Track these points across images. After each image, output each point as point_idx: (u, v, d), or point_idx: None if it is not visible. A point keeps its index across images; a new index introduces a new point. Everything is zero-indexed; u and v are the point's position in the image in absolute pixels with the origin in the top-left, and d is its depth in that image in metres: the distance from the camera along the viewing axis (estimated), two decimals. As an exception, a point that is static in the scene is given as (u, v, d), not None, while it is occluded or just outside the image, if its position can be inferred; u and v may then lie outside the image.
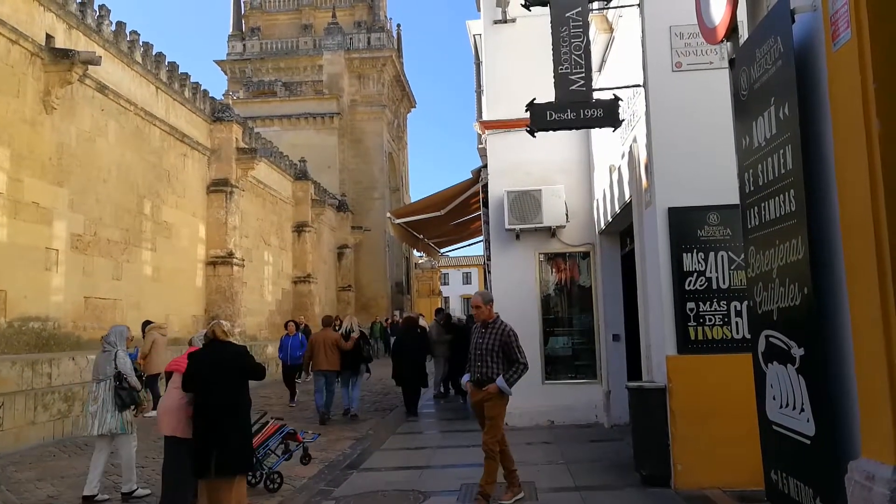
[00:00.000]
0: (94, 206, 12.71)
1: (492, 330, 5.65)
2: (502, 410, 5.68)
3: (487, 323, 5.70)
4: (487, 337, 5.63)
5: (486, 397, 5.54)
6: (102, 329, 12.96)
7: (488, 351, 5.59)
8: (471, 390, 5.81)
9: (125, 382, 6.19)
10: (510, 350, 5.58)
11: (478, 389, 5.63)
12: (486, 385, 5.53)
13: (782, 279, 2.51)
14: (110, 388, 6.14)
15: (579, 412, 9.39)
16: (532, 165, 9.81)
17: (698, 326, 5.63)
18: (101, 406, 6.13)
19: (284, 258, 24.49)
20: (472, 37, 14.45)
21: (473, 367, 5.70)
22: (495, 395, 5.52)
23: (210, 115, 18.10)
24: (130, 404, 6.24)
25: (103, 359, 6.34)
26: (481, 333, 5.69)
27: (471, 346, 5.75)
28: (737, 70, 2.90)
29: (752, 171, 2.75)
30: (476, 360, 5.67)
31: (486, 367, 5.58)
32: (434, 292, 56.16)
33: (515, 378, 5.58)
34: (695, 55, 5.90)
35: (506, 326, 5.66)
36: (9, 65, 10.50)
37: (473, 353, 5.69)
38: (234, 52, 38.71)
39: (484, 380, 5.57)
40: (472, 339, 5.77)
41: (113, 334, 6.52)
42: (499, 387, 5.50)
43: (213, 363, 4.94)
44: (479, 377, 5.62)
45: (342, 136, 35.90)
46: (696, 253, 5.70)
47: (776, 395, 2.63)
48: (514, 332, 5.67)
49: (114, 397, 6.12)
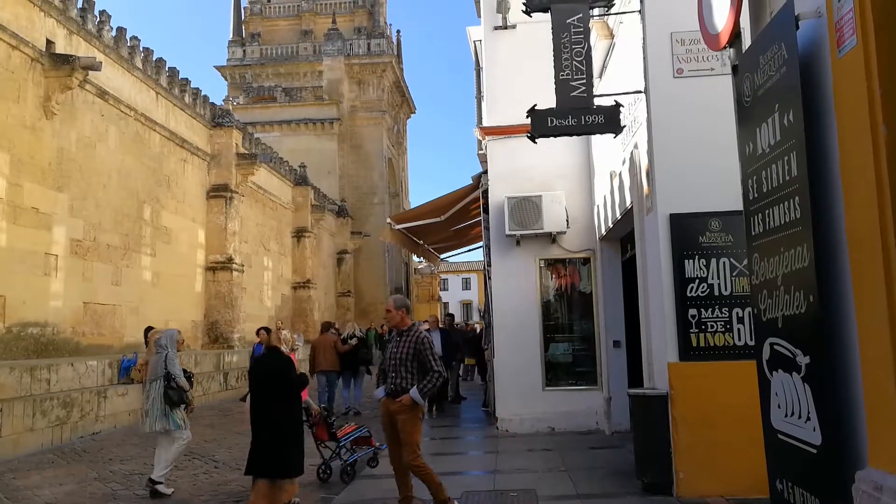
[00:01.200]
0: (94, 211, 12.71)
1: (406, 338, 5.27)
2: (417, 425, 5.29)
3: (402, 331, 5.33)
4: (402, 345, 5.25)
5: (399, 409, 5.15)
6: (102, 335, 13.00)
7: (402, 360, 5.21)
8: (383, 403, 5.37)
9: (174, 383, 6.58)
10: (425, 358, 5.21)
11: (390, 401, 5.26)
12: (398, 397, 5.16)
13: (787, 287, 2.49)
14: (160, 387, 6.54)
15: (580, 419, 9.34)
16: (532, 171, 9.79)
17: (700, 333, 5.60)
18: (153, 405, 6.54)
19: (284, 264, 24.49)
20: (473, 43, 14.47)
21: (389, 378, 5.30)
22: (408, 408, 5.13)
23: (210, 121, 18.13)
24: (180, 403, 6.63)
25: (154, 360, 6.75)
26: (395, 342, 5.34)
27: (385, 356, 5.41)
28: (740, 76, 2.88)
29: (756, 177, 2.73)
30: (391, 370, 5.28)
31: (399, 377, 5.21)
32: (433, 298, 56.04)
33: (429, 388, 5.22)
34: (696, 61, 5.89)
35: (420, 333, 5.32)
36: (9, 70, 10.52)
37: (388, 364, 5.33)
38: (234, 57, 38.80)
39: (398, 391, 5.20)
40: (387, 349, 5.42)
41: (164, 338, 6.93)
42: (412, 398, 5.11)
43: (259, 369, 5.56)
44: (392, 388, 5.25)
45: (342, 142, 35.95)
46: (697, 259, 5.68)
47: (781, 403, 2.60)
48: (428, 338, 5.33)
49: (163, 396, 6.51)
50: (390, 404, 5.24)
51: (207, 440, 9.59)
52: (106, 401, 10.49)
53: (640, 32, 6.22)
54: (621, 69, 7.72)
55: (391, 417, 5.24)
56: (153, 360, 6.80)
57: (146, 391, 6.75)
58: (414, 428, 5.21)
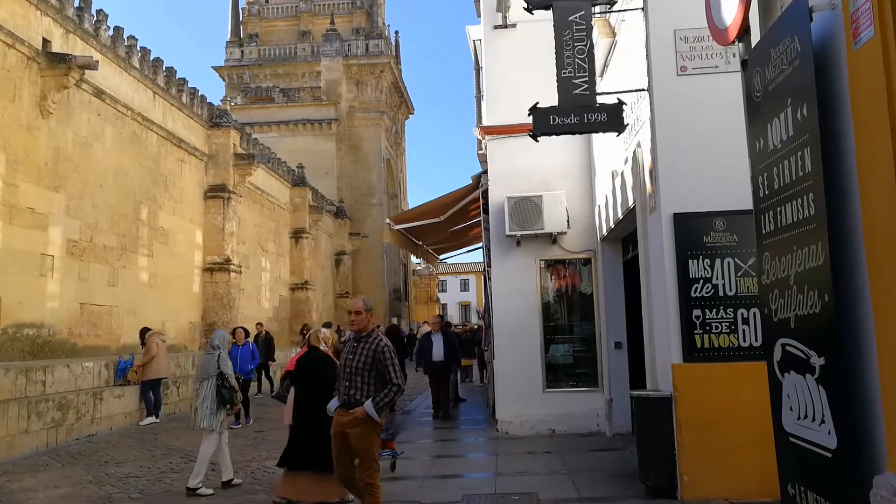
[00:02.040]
0: (91, 211, 12.62)
1: (365, 344, 4.77)
2: (375, 439, 4.82)
3: (361, 336, 4.82)
4: (359, 353, 4.75)
5: (352, 423, 4.66)
6: (98, 336, 12.91)
7: (359, 369, 4.71)
8: (335, 416, 4.84)
9: (226, 382, 6.78)
10: (384, 368, 4.70)
11: (343, 413, 4.75)
12: (353, 409, 4.68)
13: (800, 286, 2.42)
14: (212, 386, 6.73)
15: (581, 420, 9.28)
16: (533, 171, 9.73)
17: (704, 334, 5.54)
18: (202, 402, 6.70)
19: (282, 265, 24.39)
20: (472, 42, 14.40)
21: (343, 389, 4.80)
22: (363, 423, 4.64)
23: (208, 121, 18.04)
24: (230, 402, 6.84)
25: (206, 360, 6.93)
26: (352, 348, 4.82)
27: (341, 363, 4.93)
28: (750, 71, 2.82)
29: (767, 174, 2.67)
30: (345, 380, 4.77)
31: (354, 387, 4.71)
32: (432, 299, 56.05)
33: (386, 402, 4.73)
34: (700, 59, 5.84)
35: (381, 340, 4.81)
36: (5, 69, 10.43)
37: (344, 372, 4.82)
38: (232, 58, 38.72)
39: (352, 403, 4.70)
40: (344, 355, 4.92)
41: (217, 338, 7.14)
42: (366, 412, 4.61)
43: (302, 368, 5.74)
44: (345, 400, 4.75)
45: (340, 143, 35.88)
46: (701, 259, 5.62)
47: (793, 405, 2.54)
48: (389, 346, 4.82)
49: (215, 395, 6.70)
50: (343, 417, 4.73)
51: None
52: (102, 403, 10.40)
53: (643, 30, 6.16)
54: (623, 67, 7.66)
55: (344, 431, 4.74)
56: (204, 360, 7.00)
57: (196, 389, 6.96)
58: (371, 443, 4.77)
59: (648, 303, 6.73)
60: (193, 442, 9.50)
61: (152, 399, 11.45)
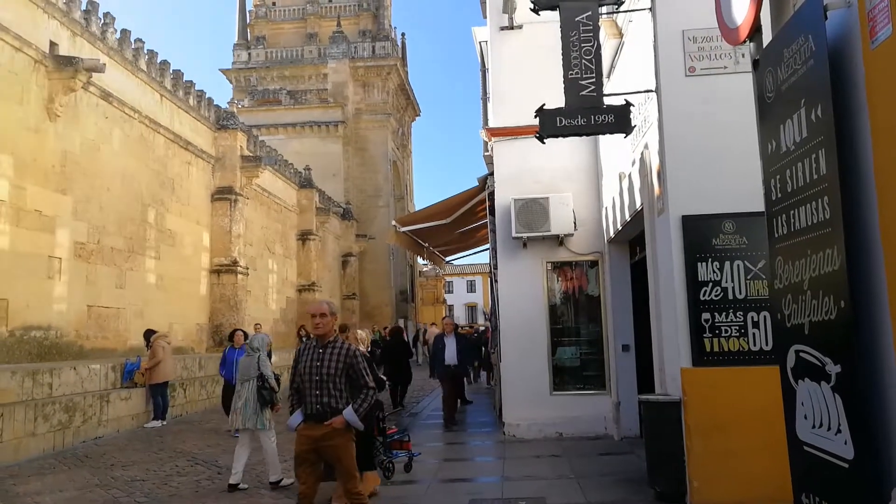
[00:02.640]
0: (98, 214, 12.65)
1: (332, 350, 4.46)
2: (352, 449, 4.56)
3: (328, 342, 4.49)
4: (328, 359, 4.43)
5: (327, 435, 4.35)
6: (106, 338, 12.94)
7: (330, 376, 4.40)
8: (301, 430, 4.45)
9: (267, 383, 6.93)
10: (357, 373, 4.46)
11: (314, 426, 4.38)
12: (327, 419, 4.35)
13: (815, 291, 2.36)
14: (253, 388, 6.90)
15: (588, 424, 9.21)
16: (539, 173, 9.68)
17: (714, 338, 5.46)
18: (244, 404, 6.88)
19: (289, 266, 24.42)
20: (478, 44, 14.37)
21: (309, 399, 4.43)
22: (341, 433, 4.38)
23: (215, 123, 18.08)
24: (270, 403, 6.99)
25: (247, 362, 7.12)
26: (318, 354, 4.46)
27: (301, 371, 4.52)
28: (761, 71, 2.76)
29: (780, 176, 2.61)
30: (313, 389, 4.41)
31: (327, 395, 4.39)
32: (438, 300, 56.06)
33: (365, 408, 4.49)
34: (709, 59, 5.77)
35: (350, 345, 4.58)
36: (12, 72, 10.47)
37: (308, 380, 4.43)
38: (239, 60, 38.84)
39: (326, 412, 4.37)
40: (302, 362, 4.52)
41: (256, 341, 7.36)
42: (347, 420, 4.36)
43: None
44: (318, 410, 4.39)
45: (347, 145, 35.92)
46: (710, 262, 5.54)
47: (808, 413, 2.47)
48: (361, 351, 4.65)
49: (257, 396, 6.86)
50: (314, 430, 4.38)
51: (211, 445, 9.48)
52: (108, 405, 10.40)
53: (651, 30, 6.09)
54: (630, 69, 7.60)
55: (315, 446, 4.39)
56: (245, 362, 7.15)
57: (237, 391, 7.09)
58: (350, 453, 4.51)
59: (656, 306, 6.66)
60: (200, 445, 9.53)
61: (161, 402, 11.44)
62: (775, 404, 3.03)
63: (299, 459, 4.50)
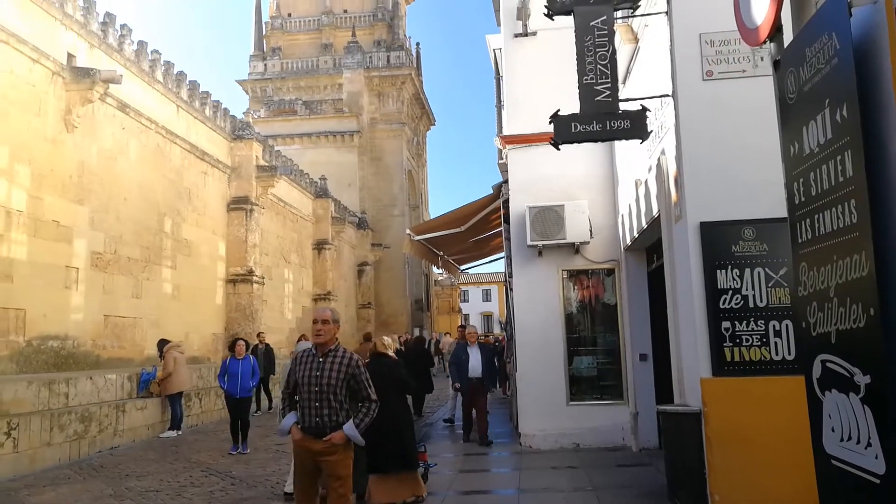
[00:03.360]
0: (115, 224, 12.75)
1: (333, 360, 4.24)
2: (350, 466, 4.33)
3: (328, 350, 4.28)
4: (328, 369, 4.21)
5: (328, 450, 4.15)
6: (122, 348, 13.01)
7: (331, 386, 4.18)
8: (300, 442, 4.26)
9: None
10: (359, 385, 4.27)
11: (313, 440, 4.18)
12: (327, 434, 4.15)
13: (842, 298, 2.26)
14: None
15: (606, 434, 9.06)
16: (554, 180, 9.60)
17: (734, 347, 5.33)
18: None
19: (304, 276, 24.48)
20: (493, 51, 14.35)
21: (308, 411, 4.21)
22: (341, 448, 4.18)
23: (230, 134, 18.22)
24: None
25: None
26: (318, 364, 4.24)
27: (299, 381, 4.29)
28: (782, 72, 2.67)
29: (803, 180, 2.51)
30: (312, 400, 4.19)
31: (327, 407, 4.17)
32: (454, 309, 55.97)
33: (367, 422, 4.27)
34: (726, 63, 5.67)
35: (352, 355, 4.36)
36: (30, 84, 10.60)
37: (307, 391, 4.22)
38: (255, 71, 39.20)
39: (326, 425, 4.16)
40: (300, 371, 4.30)
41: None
42: (348, 435, 4.17)
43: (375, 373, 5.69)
44: (317, 423, 4.17)
45: (362, 154, 36.06)
46: (730, 269, 5.42)
47: (836, 426, 2.36)
48: (363, 361, 4.45)
49: None
50: (313, 444, 4.18)
51: (225, 456, 9.46)
52: (124, 415, 10.43)
53: (667, 34, 6.01)
54: (646, 74, 7.51)
55: (313, 459, 4.21)
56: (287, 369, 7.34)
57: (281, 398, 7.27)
58: (348, 470, 4.30)
59: (675, 314, 6.53)
60: (215, 455, 9.50)
61: (178, 412, 11.46)
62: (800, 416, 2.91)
63: (298, 472, 4.36)
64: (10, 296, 9.91)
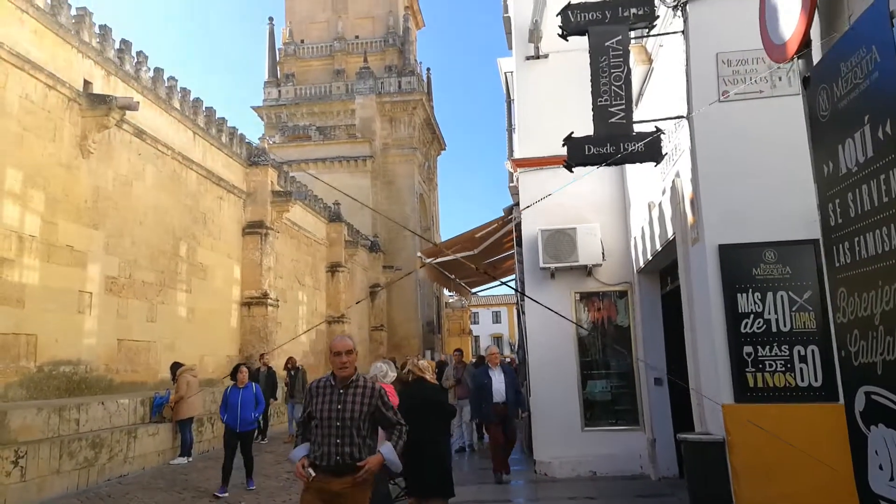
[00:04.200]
0: (130, 248, 12.77)
1: (356, 391, 3.93)
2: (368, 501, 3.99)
3: (350, 381, 3.97)
4: (351, 401, 3.89)
5: (348, 490, 3.79)
6: (136, 372, 12.93)
7: (354, 420, 3.86)
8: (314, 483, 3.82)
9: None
10: (387, 409, 4.00)
11: (331, 479, 3.80)
12: (348, 471, 3.79)
13: (889, 327, 2.13)
14: None
15: (623, 462, 8.82)
16: (565, 203, 9.50)
17: (757, 372, 5.15)
18: None
19: (318, 298, 24.47)
20: (504, 75, 14.38)
21: (328, 448, 3.83)
22: (361, 488, 3.86)
23: (246, 160, 18.38)
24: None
25: None
26: (338, 396, 3.92)
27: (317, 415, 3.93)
28: (813, 89, 2.57)
29: (840, 200, 2.39)
30: (333, 436, 3.83)
31: (349, 444, 3.82)
32: (464, 331, 55.70)
33: (402, 445, 4.01)
34: (743, 83, 5.57)
35: (374, 384, 4.07)
36: (45, 109, 10.70)
37: (327, 426, 3.86)
38: (269, 98, 39.68)
39: (347, 463, 3.80)
40: (316, 405, 3.95)
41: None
42: (386, 459, 3.90)
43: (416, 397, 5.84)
44: (338, 461, 3.80)
45: (375, 178, 36.27)
46: (751, 293, 5.26)
47: (884, 464, 2.22)
48: (384, 389, 4.16)
49: None
50: (332, 483, 3.79)
51: (235, 485, 9.20)
52: (136, 441, 10.31)
53: (682, 54, 5.93)
54: (659, 96, 7.44)
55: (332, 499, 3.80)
56: None
57: None
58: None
59: (693, 338, 6.36)
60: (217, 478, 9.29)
61: (188, 438, 11.32)
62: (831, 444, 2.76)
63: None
64: (21, 321, 9.88)
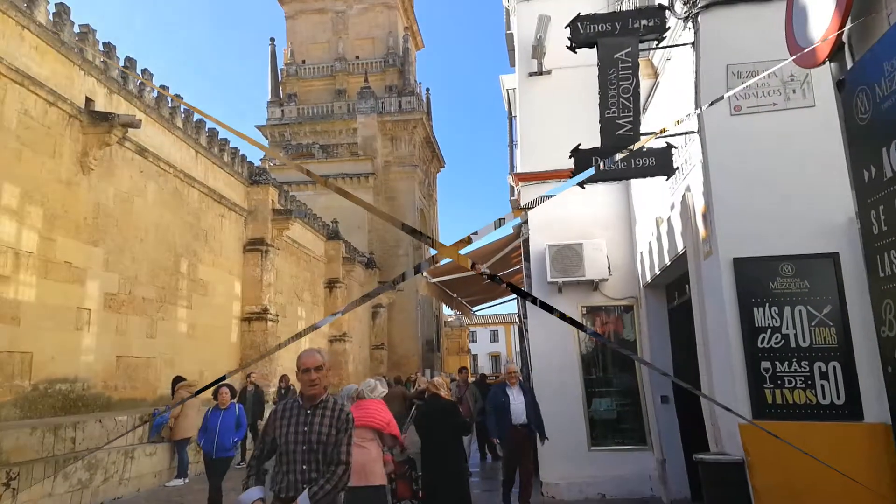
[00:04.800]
0: (130, 265, 12.65)
1: (324, 412, 3.54)
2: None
3: (319, 401, 3.56)
4: (318, 423, 3.50)
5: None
6: (135, 388, 12.72)
7: (321, 444, 3.47)
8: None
9: None
10: (338, 442, 3.49)
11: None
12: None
13: (938, 338, 2.03)
14: None
15: (632, 483, 8.62)
16: (572, 219, 9.50)
17: (776, 389, 5.01)
18: None
19: (317, 313, 24.41)
20: (506, 91, 14.39)
21: (292, 476, 3.45)
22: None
23: (247, 179, 18.47)
24: None
25: None
26: (305, 417, 3.53)
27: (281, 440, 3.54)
28: (848, 91, 2.48)
29: (884, 207, 2.29)
30: (299, 462, 3.45)
31: (316, 470, 3.44)
32: (463, 350, 55.41)
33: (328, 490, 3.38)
34: (755, 97, 5.50)
35: (344, 407, 3.60)
36: (45, 126, 10.63)
37: (293, 450, 3.47)
38: (273, 117, 39.90)
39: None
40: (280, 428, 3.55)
41: (344, 392, 7.11)
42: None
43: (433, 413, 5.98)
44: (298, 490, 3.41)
45: (377, 195, 36.38)
46: (768, 307, 5.14)
47: (933, 484, 2.09)
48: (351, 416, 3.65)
49: None
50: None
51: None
52: (132, 462, 10.08)
53: (691, 67, 5.88)
54: (666, 110, 7.37)
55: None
56: None
57: None
58: None
59: (706, 353, 6.21)
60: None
61: (185, 459, 11.06)
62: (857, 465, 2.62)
63: None
64: (15, 339, 9.68)
